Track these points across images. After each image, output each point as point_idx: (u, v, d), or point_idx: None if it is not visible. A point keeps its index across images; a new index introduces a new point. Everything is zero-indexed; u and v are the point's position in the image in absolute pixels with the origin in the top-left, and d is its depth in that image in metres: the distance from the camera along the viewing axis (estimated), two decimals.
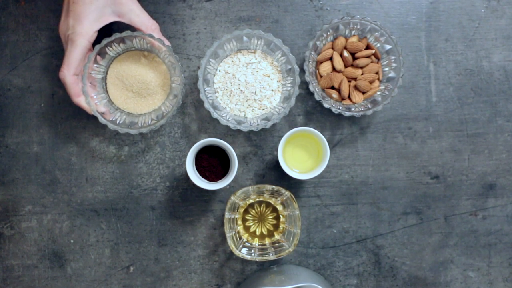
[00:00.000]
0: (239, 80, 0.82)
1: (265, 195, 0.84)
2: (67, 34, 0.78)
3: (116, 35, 0.80)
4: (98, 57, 0.80)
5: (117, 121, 0.82)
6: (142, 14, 0.80)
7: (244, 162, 0.87)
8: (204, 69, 0.80)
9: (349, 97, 0.85)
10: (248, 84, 0.81)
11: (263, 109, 0.83)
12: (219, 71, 0.83)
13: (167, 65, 0.84)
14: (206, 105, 0.79)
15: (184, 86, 0.81)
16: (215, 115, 0.79)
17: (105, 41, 0.78)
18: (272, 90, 0.83)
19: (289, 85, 0.83)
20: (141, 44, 0.84)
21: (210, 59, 0.81)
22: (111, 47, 0.82)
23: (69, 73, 0.78)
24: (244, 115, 0.83)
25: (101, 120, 0.79)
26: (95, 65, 0.80)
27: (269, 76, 0.83)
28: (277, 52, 0.82)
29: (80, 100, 0.79)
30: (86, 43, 0.78)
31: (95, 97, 0.80)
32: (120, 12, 0.78)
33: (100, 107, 0.80)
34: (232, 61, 0.83)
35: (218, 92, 0.83)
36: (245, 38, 0.81)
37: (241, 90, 0.82)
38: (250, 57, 0.83)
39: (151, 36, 0.79)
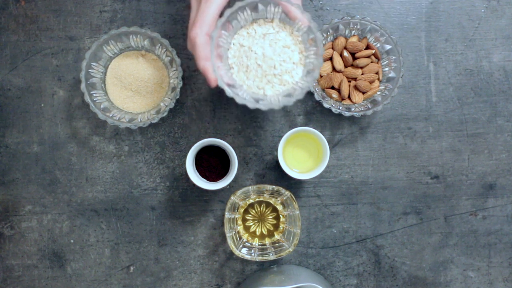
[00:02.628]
0: (256, 53, 0.71)
1: (265, 195, 0.84)
2: None
3: (112, 32, 0.81)
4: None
5: (117, 118, 0.82)
6: None
7: (244, 162, 0.87)
8: (216, 43, 0.69)
9: (349, 97, 0.85)
10: (266, 58, 0.70)
11: (284, 85, 0.72)
12: (234, 44, 0.72)
13: (165, 62, 0.84)
14: (220, 83, 0.68)
15: (181, 80, 0.82)
16: (230, 93, 0.68)
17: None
18: (294, 63, 0.72)
19: (312, 56, 0.71)
20: (138, 43, 0.84)
21: (223, 31, 0.70)
22: (109, 46, 0.82)
23: (201, 32, 0.68)
24: (263, 92, 0.72)
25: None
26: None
27: (289, 48, 0.71)
28: (297, 20, 0.71)
29: (208, 66, 0.69)
30: None
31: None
32: None
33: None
34: (248, 33, 0.72)
35: (233, 68, 0.72)
36: (260, 6, 0.70)
37: (259, 65, 0.71)
38: (267, 27, 0.72)
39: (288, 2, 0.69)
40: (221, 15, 0.70)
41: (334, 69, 0.85)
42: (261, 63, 0.71)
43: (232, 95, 0.68)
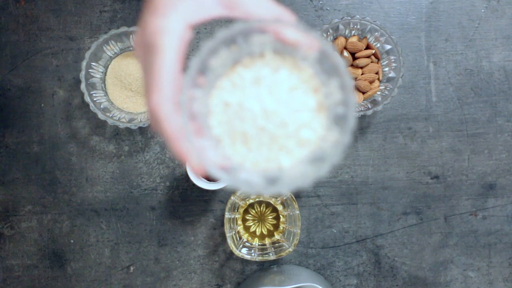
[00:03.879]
0: (252, 111, 0.45)
1: (265, 195, 0.84)
2: (145, 40, 0.45)
3: (112, 32, 0.81)
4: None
5: (117, 118, 0.82)
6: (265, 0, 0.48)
7: None
8: (189, 111, 0.43)
9: None
10: (269, 113, 0.45)
11: (305, 146, 0.47)
12: (215, 105, 0.46)
13: None
14: (213, 171, 0.42)
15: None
16: (231, 181, 0.43)
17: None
18: (310, 109, 0.46)
19: (336, 93, 0.45)
20: None
21: (194, 89, 0.44)
22: (109, 46, 0.82)
23: (162, 98, 0.44)
24: (278, 164, 0.46)
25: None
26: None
27: (298, 89, 0.46)
28: (301, 45, 0.46)
29: (186, 149, 0.43)
30: (176, 43, 0.44)
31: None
32: (230, 2, 0.46)
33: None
34: (232, 83, 0.46)
35: (222, 140, 0.46)
36: (240, 40, 0.45)
37: (261, 127, 0.45)
38: (257, 67, 0.46)
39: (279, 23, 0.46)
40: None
41: None
42: (264, 123, 0.45)
43: (234, 184, 0.43)
